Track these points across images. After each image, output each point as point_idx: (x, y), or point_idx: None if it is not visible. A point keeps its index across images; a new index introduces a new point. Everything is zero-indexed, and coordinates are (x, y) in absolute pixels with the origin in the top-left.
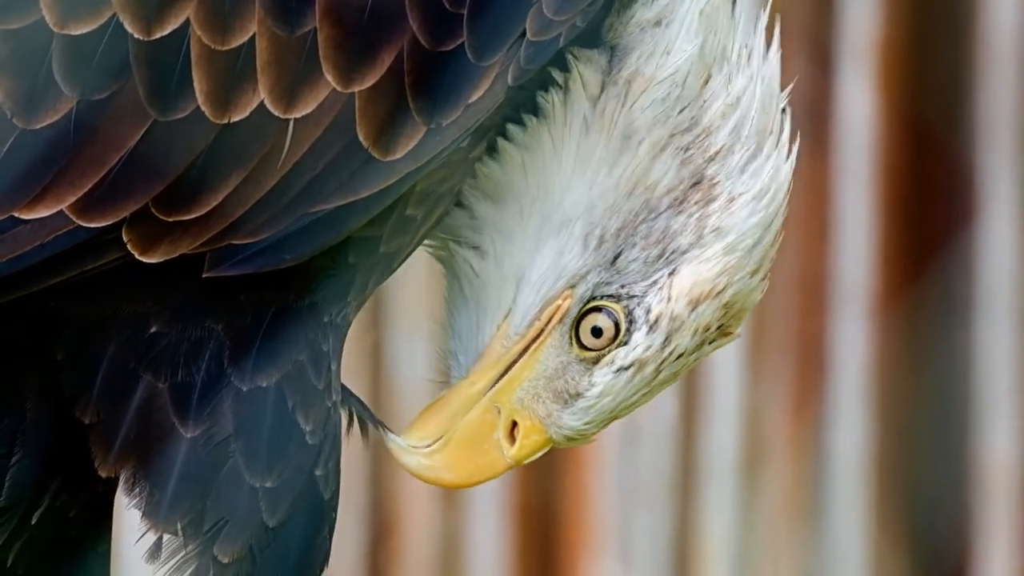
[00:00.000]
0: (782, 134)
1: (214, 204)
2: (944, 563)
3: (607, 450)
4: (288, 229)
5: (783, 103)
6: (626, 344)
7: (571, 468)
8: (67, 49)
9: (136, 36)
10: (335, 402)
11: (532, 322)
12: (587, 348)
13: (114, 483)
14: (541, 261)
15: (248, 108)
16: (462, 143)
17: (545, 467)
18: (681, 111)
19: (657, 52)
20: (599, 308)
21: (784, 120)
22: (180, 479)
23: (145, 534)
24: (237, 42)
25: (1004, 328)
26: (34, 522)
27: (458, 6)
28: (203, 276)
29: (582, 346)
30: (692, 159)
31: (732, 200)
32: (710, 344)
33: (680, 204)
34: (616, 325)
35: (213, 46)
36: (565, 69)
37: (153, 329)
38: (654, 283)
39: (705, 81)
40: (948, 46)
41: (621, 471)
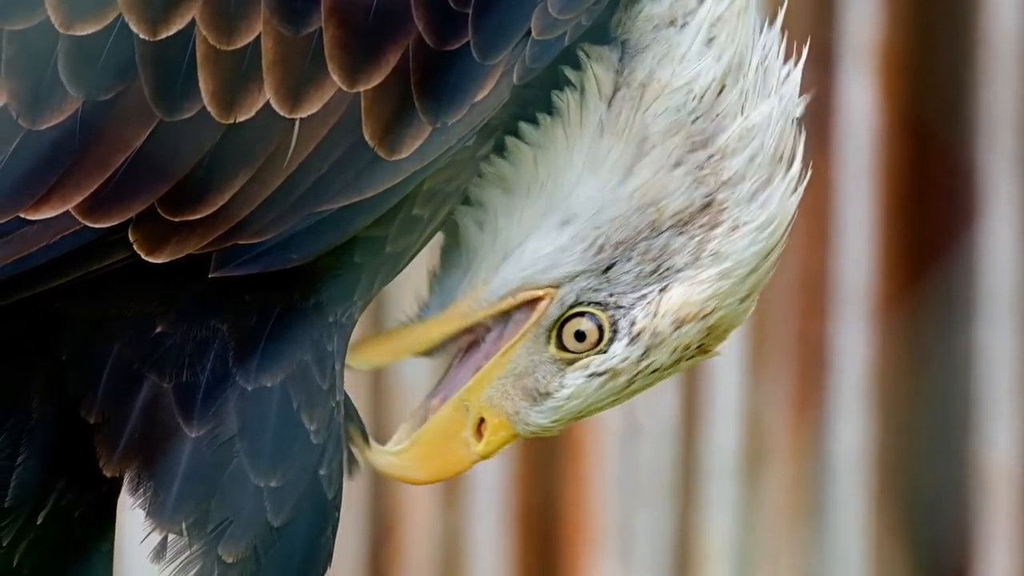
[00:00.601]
0: (794, 163)
1: (220, 204)
2: (944, 564)
3: (607, 450)
4: (294, 229)
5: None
6: (604, 352)
7: (571, 468)
8: (72, 50)
9: (142, 36)
10: (339, 402)
11: (505, 297)
12: (567, 350)
13: (118, 483)
14: (537, 245)
15: (254, 108)
16: (468, 142)
17: (545, 467)
18: (695, 120)
19: (672, 57)
20: (585, 313)
21: (798, 143)
22: (184, 479)
23: (150, 534)
24: (243, 42)
25: (1005, 329)
26: (39, 522)
27: (463, 5)
28: (209, 276)
29: (562, 347)
30: (705, 180)
31: (736, 228)
32: (687, 361)
33: (684, 225)
34: (600, 331)
35: (219, 46)
36: (577, 67)
37: (158, 329)
38: (643, 297)
39: (719, 92)
40: (949, 47)
41: (621, 471)
